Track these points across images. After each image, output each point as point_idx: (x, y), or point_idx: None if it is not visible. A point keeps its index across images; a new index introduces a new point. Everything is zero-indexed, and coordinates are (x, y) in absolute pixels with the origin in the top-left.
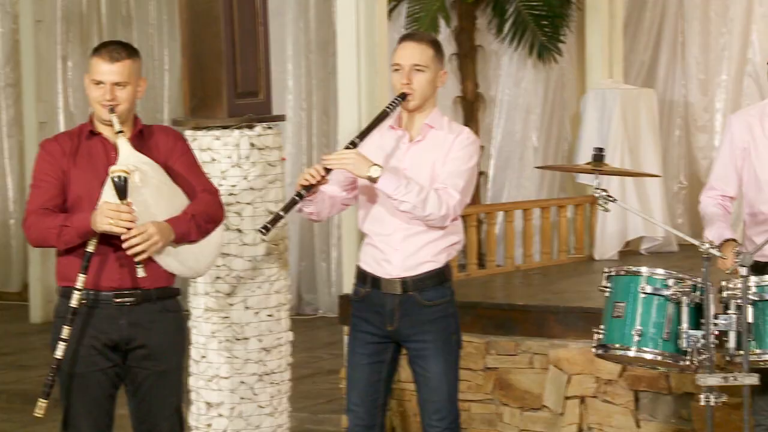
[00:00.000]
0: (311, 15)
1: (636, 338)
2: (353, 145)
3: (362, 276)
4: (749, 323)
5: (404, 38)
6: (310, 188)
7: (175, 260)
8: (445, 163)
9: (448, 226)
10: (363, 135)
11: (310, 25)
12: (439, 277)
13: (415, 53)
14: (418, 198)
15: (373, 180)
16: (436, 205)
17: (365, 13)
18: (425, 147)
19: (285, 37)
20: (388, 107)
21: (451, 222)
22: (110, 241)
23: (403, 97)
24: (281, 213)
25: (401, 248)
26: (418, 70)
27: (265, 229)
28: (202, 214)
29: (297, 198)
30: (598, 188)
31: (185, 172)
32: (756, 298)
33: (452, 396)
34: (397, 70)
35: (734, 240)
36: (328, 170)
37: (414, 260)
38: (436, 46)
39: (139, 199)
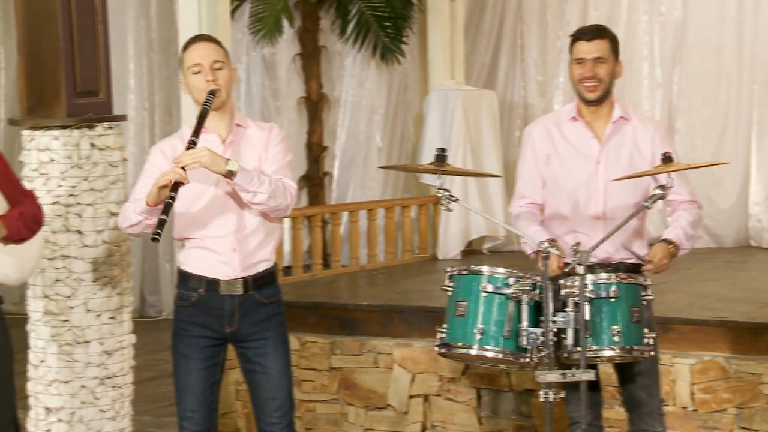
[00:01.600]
0: (152, 13)
1: (478, 337)
2: (193, 144)
3: (193, 280)
4: (586, 320)
5: (193, 41)
6: (176, 188)
7: (5, 259)
8: (267, 159)
9: (280, 222)
10: (196, 134)
11: (152, 23)
12: (273, 274)
13: (210, 51)
14: (270, 188)
15: (231, 174)
16: (283, 194)
17: (208, 12)
18: (242, 146)
19: (126, 35)
20: (205, 105)
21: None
22: None
23: (213, 93)
24: (164, 217)
25: (239, 249)
26: (218, 67)
27: (157, 235)
28: (29, 215)
29: (171, 200)
30: (440, 188)
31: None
32: (592, 296)
33: (291, 392)
34: (197, 72)
35: (554, 240)
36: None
37: (252, 259)
38: (222, 44)
39: None
